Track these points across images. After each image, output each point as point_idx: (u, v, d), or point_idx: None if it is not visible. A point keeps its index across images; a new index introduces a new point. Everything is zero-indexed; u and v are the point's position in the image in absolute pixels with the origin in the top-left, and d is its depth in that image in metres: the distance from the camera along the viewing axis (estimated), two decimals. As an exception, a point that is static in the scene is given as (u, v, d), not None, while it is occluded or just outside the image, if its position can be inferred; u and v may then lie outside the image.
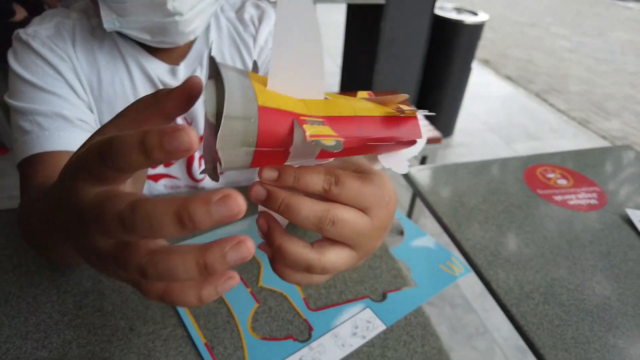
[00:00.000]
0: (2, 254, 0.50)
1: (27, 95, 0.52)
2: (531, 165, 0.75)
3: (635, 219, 0.64)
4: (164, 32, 0.51)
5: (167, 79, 0.59)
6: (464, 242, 0.57)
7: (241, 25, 0.63)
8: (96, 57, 0.56)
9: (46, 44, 0.53)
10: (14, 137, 0.53)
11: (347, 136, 0.23)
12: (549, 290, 0.51)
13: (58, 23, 0.55)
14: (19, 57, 0.53)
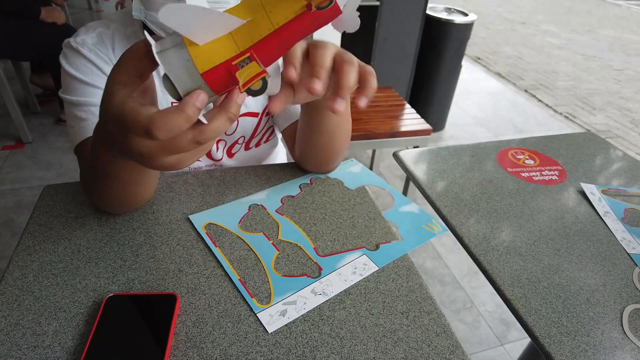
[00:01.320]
0: (68, 216, 0.61)
1: (80, 91, 0.64)
2: (504, 148, 0.87)
3: (588, 190, 0.76)
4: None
5: None
6: (442, 207, 0.69)
7: None
8: None
9: (92, 50, 0.65)
10: (70, 125, 0.65)
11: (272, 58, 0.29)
12: (511, 245, 0.63)
13: (100, 33, 0.67)
14: (71, 61, 0.65)
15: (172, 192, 0.67)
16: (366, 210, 0.66)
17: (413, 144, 1.68)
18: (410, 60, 2.22)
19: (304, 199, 0.67)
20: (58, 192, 0.66)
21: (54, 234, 0.58)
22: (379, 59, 2.15)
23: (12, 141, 2.38)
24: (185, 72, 0.28)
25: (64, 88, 0.65)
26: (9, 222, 1.85)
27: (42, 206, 0.63)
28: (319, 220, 0.63)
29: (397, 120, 1.73)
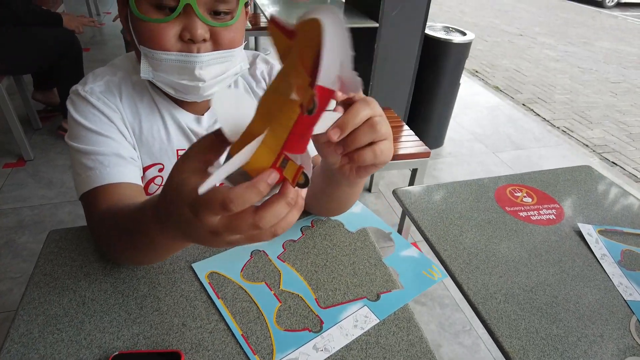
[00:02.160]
0: (73, 265, 0.62)
1: (88, 139, 0.64)
2: (502, 185, 0.89)
3: (585, 231, 0.77)
4: (186, 90, 0.63)
5: (194, 126, 0.71)
6: (442, 252, 0.70)
7: (254, 80, 0.75)
8: (138, 108, 0.69)
9: (100, 98, 0.66)
10: (76, 172, 0.65)
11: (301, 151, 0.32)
12: (509, 292, 0.64)
13: (107, 81, 0.68)
14: (78, 109, 0.65)
15: (175, 237, 0.68)
16: (367, 255, 0.67)
17: (412, 166, 1.70)
18: (409, 80, 2.25)
19: (305, 244, 0.68)
20: (62, 237, 0.67)
21: (59, 284, 0.59)
22: (378, 79, 2.17)
23: (13, 158, 2.38)
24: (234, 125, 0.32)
25: (71, 135, 0.66)
26: (10, 242, 1.85)
27: (47, 254, 0.64)
28: (320, 267, 0.64)
29: (396, 143, 1.74)
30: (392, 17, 2.02)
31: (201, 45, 0.58)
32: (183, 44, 0.58)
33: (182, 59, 0.58)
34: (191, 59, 0.58)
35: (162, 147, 0.71)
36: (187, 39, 0.57)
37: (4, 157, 2.39)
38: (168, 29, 0.57)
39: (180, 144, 0.72)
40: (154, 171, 0.72)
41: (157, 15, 0.56)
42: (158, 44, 0.57)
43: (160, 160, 0.72)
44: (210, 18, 0.58)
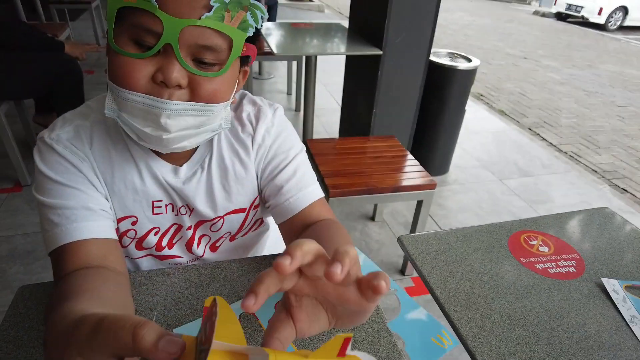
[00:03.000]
0: (40, 329, 0.55)
1: (54, 192, 0.58)
2: (515, 232, 0.82)
3: (610, 287, 0.70)
4: (149, 140, 0.55)
5: (170, 178, 0.65)
6: (452, 313, 0.63)
7: (239, 124, 0.68)
8: (111, 156, 0.62)
9: (67, 147, 0.59)
10: (44, 228, 0.59)
11: None
12: (528, 363, 0.57)
13: (77, 126, 0.61)
14: (44, 158, 0.59)
15: (156, 295, 0.62)
16: (369, 319, 0.60)
17: (417, 198, 1.63)
18: (413, 108, 2.20)
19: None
20: (33, 295, 0.61)
21: (23, 353, 0.52)
22: (381, 107, 2.13)
23: (10, 184, 2.34)
24: None
25: (37, 187, 0.60)
26: (1, 272, 1.78)
27: (14, 314, 0.58)
28: (318, 336, 0.57)
29: (400, 174, 1.69)
30: (396, 44, 1.99)
31: (174, 92, 0.51)
32: (154, 86, 0.50)
33: (148, 102, 0.51)
34: (158, 104, 0.51)
35: (135, 199, 0.65)
36: (159, 80, 0.50)
37: (1, 182, 2.35)
38: (141, 66, 0.50)
39: (156, 195, 0.66)
40: (126, 224, 0.66)
41: (133, 51, 0.50)
42: (126, 80, 0.50)
43: (133, 212, 0.65)
44: (193, 65, 0.51)
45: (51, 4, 4.31)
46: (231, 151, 0.68)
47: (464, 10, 10.78)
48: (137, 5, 0.47)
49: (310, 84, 2.23)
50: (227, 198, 0.69)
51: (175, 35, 0.48)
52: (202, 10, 0.48)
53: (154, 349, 0.27)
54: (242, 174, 0.69)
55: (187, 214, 0.69)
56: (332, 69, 4.27)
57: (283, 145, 0.70)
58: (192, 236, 0.72)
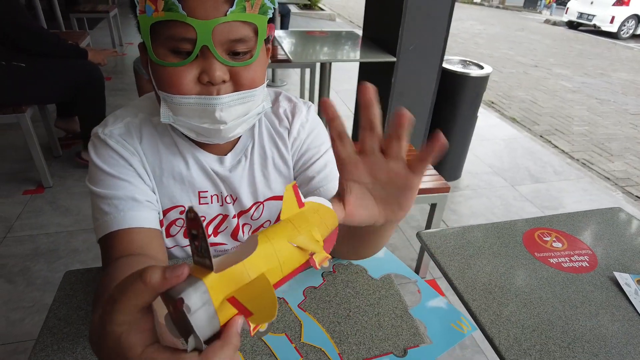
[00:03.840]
0: (88, 309, 0.60)
1: (105, 183, 0.63)
2: (530, 229, 0.85)
3: (622, 281, 0.73)
4: (208, 134, 0.61)
5: (217, 167, 0.70)
6: (470, 302, 0.67)
7: (277, 119, 0.74)
8: (159, 150, 0.68)
9: (119, 141, 0.65)
10: (95, 216, 0.64)
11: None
12: (544, 348, 0.60)
13: (127, 123, 0.67)
14: (98, 152, 0.64)
15: (193, 281, 0.66)
16: (392, 305, 0.63)
17: (431, 201, 1.66)
18: (427, 114, 2.24)
19: (326, 291, 0.66)
20: (78, 279, 0.66)
21: (73, 330, 0.57)
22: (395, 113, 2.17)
23: (33, 185, 2.42)
24: (209, 326, 0.30)
25: (90, 178, 0.65)
26: (25, 270, 1.85)
27: (62, 297, 0.63)
28: (343, 318, 0.61)
29: (414, 176, 1.72)
30: (410, 52, 2.04)
31: (221, 87, 0.56)
32: (202, 87, 0.56)
33: (201, 102, 0.57)
34: (211, 101, 0.56)
35: (182, 189, 0.70)
36: (205, 81, 0.55)
37: (24, 184, 2.43)
38: (186, 72, 0.55)
39: (202, 186, 0.71)
40: (175, 213, 0.71)
41: (174, 59, 0.55)
42: (176, 88, 0.56)
43: (181, 202, 0.70)
44: (229, 58, 0.56)
45: (71, 14, 4.45)
46: (271, 142, 0.73)
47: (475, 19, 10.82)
48: (167, 18, 0.51)
49: (324, 89, 2.29)
50: (267, 185, 0.74)
51: (208, 37, 0.52)
52: (225, 6, 0.52)
53: (164, 281, 0.29)
54: (280, 163, 0.74)
55: (231, 203, 0.73)
56: (343, 76, 4.33)
57: (315, 140, 0.75)
58: (237, 224, 0.76)
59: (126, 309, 0.30)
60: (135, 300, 0.30)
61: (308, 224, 0.36)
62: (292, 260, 0.34)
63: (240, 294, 0.30)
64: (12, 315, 1.63)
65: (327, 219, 0.38)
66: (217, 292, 0.29)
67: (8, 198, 2.29)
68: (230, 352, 0.30)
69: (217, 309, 0.29)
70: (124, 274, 0.55)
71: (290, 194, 0.36)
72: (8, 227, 2.09)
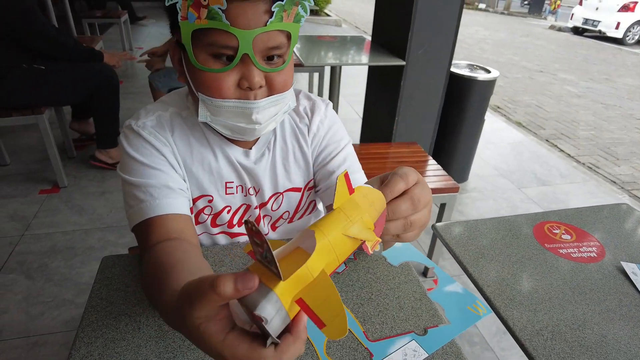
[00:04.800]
0: (127, 290, 0.64)
1: (139, 172, 0.67)
2: (539, 222, 0.89)
3: (629, 270, 0.77)
4: (243, 132, 0.65)
5: (242, 159, 0.74)
6: (485, 287, 0.71)
7: (297, 116, 0.78)
8: (190, 141, 0.72)
9: (152, 133, 0.68)
10: (128, 204, 0.67)
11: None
12: (555, 329, 0.63)
13: (159, 116, 0.71)
14: (131, 143, 0.68)
15: (223, 266, 0.70)
16: (411, 289, 0.67)
17: (440, 201, 1.70)
18: (434, 116, 2.28)
19: (349, 276, 0.69)
20: (115, 264, 0.70)
21: (115, 309, 0.61)
22: (403, 115, 2.22)
23: (48, 185, 2.48)
24: (282, 325, 0.33)
25: (123, 168, 0.68)
26: (43, 267, 1.89)
27: (102, 279, 0.67)
28: (366, 300, 0.65)
29: (423, 177, 1.76)
30: (419, 56, 2.09)
31: (258, 92, 0.61)
32: (241, 92, 0.60)
33: (240, 105, 0.61)
34: (249, 105, 0.61)
35: (211, 179, 0.74)
36: (245, 87, 0.60)
37: (40, 184, 2.49)
38: (227, 78, 0.59)
39: (229, 177, 0.75)
40: (203, 202, 0.75)
41: (214, 64, 0.58)
42: (218, 92, 0.60)
43: (209, 191, 0.74)
44: (265, 64, 0.60)
45: (83, 19, 4.55)
46: (292, 136, 0.78)
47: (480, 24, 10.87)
48: (210, 26, 0.54)
49: (334, 93, 2.33)
50: (287, 177, 0.78)
51: (249, 46, 0.56)
52: (265, 16, 0.56)
53: (236, 293, 0.31)
54: (300, 157, 0.78)
55: (254, 195, 0.78)
56: (352, 81, 4.38)
57: (335, 136, 0.79)
58: (259, 216, 0.80)
59: (202, 309, 0.33)
60: (209, 305, 0.33)
61: (359, 211, 0.39)
62: (347, 250, 0.37)
63: (306, 295, 0.33)
64: (32, 310, 1.67)
65: (376, 202, 0.41)
66: (286, 297, 0.32)
67: (26, 197, 2.35)
68: (301, 345, 0.34)
69: (287, 310, 0.32)
70: (170, 260, 0.58)
71: (342, 183, 0.38)
72: (26, 225, 2.14)
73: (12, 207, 2.28)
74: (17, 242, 2.03)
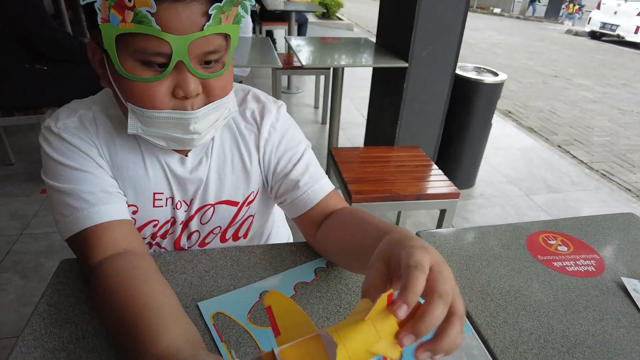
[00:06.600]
0: (79, 296, 0.60)
1: (69, 177, 0.59)
2: (534, 232, 0.82)
3: (630, 286, 0.70)
4: (180, 142, 0.59)
5: (177, 168, 0.67)
6: (467, 302, 0.65)
7: (243, 120, 0.71)
8: (115, 145, 0.64)
9: (75, 134, 0.61)
10: (61, 213, 0.59)
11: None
12: (541, 352, 0.57)
13: (81, 116, 0.63)
14: (53, 146, 0.60)
15: (184, 274, 0.66)
16: (383, 303, 0.62)
17: (440, 207, 1.64)
18: (439, 119, 2.22)
19: (318, 287, 0.64)
20: (73, 268, 0.66)
21: (62, 316, 0.57)
22: (406, 118, 2.16)
23: (49, 185, 2.48)
24: None
25: (49, 174, 0.61)
26: (38, 266, 1.89)
27: (55, 283, 0.63)
28: (333, 313, 0.60)
29: (424, 182, 1.70)
30: (422, 57, 2.03)
31: (194, 101, 0.55)
32: (176, 101, 0.54)
33: (175, 116, 0.55)
34: (186, 116, 0.55)
35: (137, 189, 0.67)
36: (180, 96, 0.54)
37: (43, 184, 2.49)
38: (159, 87, 0.52)
39: (158, 187, 0.68)
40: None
41: (144, 73, 0.51)
42: (150, 103, 0.53)
43: (135, 202, 0.67)
44: (202, 70, 0.54)
45: (96, 21, 4.61)
46: (232, 143, 0.71)
47: (494, 29, 10.73)
48: (138, 31, 0.47)
49: (336, 95, 2.29)
50: (220, 187, 0.71)
51: (184, 52, 0.50)
52: (201, 19, 0.49)
53: None
54: (239, 166, 0.71)
55: (182, 209, 0.71)
56: (360, 84, 4.33)
57: (291, 141, 0.72)
58: (182, 231, 0.74)
59: None
60: None
61: (389, 323, 0.35)
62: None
63: None
64: (24, 310, 1.66)
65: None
66: None
67: (27, 196, 2.35)
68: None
69: None
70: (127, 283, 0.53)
71: (383, 302, 0.35)
72: (25, 224, 2.14)
73: (14, 206, 2.28)
74: (14, 241, 2.03)
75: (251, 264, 0.69)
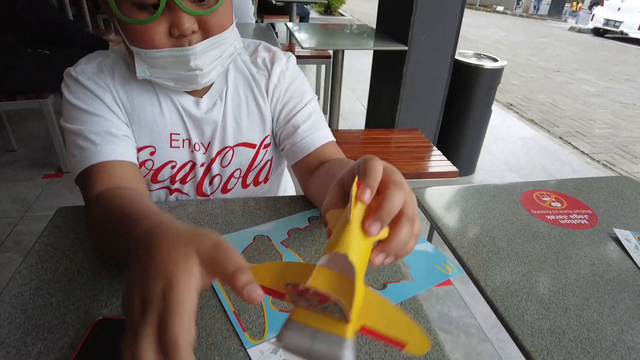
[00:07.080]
0: (76, 237, 0.61)
1: (80, 119, 0.64)
2: (528, 190, 0.83)
3: (622, 236, 0.70)
4: (186, 80, 0.62)
5: (192, 109, 0.70)
6: (459, 248, 0.65)
7: (254, 67, 0.74)
8: (132, 87, 0.68)
9: (90, 78, 0.66)
10: (72, 154, 0.64)
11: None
12: (532, 290, 0.58)
13: (99, 62, 0.68)
14: (71, 90, 0.65)
15: (179, 219, 0.67)
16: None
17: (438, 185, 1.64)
18: (438, 104, 2.22)
19: (311, 232, 0.65)
20: (70, 214, 0.67)
21: (58, 253, 0.58)
22: (406, 102, 2.16)
23: (52, 170, 2.50)
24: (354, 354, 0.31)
25: (65, 117, 0.66)
26: (39, 247, 1.90)
27: (52, 227, 0.64)
28: (325, 254, 0.60)
29: (423, 162, 1.70)
30: (421, 42, 2.03)
31: (192, 37, 0.57)
32: (174, 40, 0.57)
33: (175, 54, 0.58)
34: (184, 52, 0.57)
35: (154, 129, 0.70)
36: (176, 35, 0.56)
37: (45, 169, 2.51)
38: (155, 27, 0.55)
39: (174, 128, 0.70)
40: (145, 154, 0.71)
41: (140, 15, 0.55)
42: (150, 43, 0.57)
43: (152, 142, 0.70)
44: (195, 7, 0.56)
45: (98, 14, 4.64)
46: (246, 86, 0.73)
47: (497, 26, 10.72)
48: None
49: (337, 79, 2.29)
50: (238, 129, 0.74)
51: None
52: None
53: (241, 290, 0.32)
54: (254, 109, 0.74)
55: (200, 151, 0.73)
56: (361, 75, 4.34)
57: (298, 89, 0.74)
58: (204, 175, 0.76)
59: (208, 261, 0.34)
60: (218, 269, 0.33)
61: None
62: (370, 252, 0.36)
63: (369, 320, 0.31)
64: (24, 288, 1.67)
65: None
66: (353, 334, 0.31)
67: (29, 181, 2.37)
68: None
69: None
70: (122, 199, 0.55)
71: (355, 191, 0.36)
72: (27, 207, 2.16)
73: (16, 190, 2.30)
74: (16, 223, 2.04)
75: (246, 212, 0.69)
